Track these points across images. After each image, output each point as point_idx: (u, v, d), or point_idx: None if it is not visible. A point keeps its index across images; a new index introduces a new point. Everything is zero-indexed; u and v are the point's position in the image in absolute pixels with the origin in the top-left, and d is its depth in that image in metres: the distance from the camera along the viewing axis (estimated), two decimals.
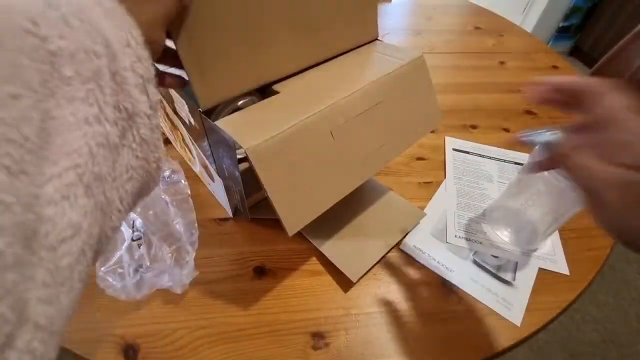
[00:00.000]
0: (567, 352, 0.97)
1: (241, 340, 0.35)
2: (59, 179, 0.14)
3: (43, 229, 0.14)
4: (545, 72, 0.77)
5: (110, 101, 0.17)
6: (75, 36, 0.16)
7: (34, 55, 0.14)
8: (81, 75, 0.15)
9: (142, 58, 0.19)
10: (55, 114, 0.15)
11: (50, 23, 0.15)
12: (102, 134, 0.16)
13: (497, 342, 0.35)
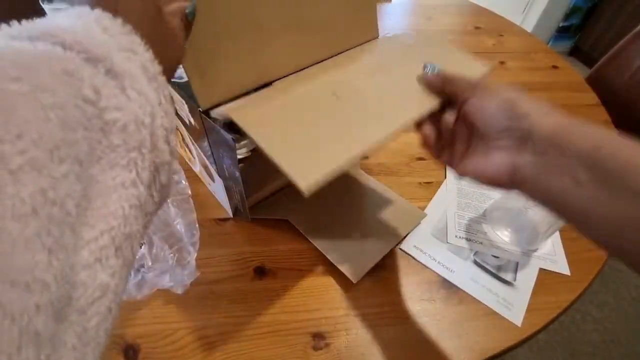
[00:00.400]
0: (567, 352, 0.97)
1: (242, 341, 0.35)
2: (95, 242, 0.15)
3: (76, 295, 0.14)
4: (545, 72, 0.77)
5: (147, 164, 0.18)
6: (131, 108, 0.17)
7: (88, 125, 0.15)
8: (128, 144, 0.16)
9: (168, 112, 0.20)
10: (99, 178, 0.15)
11: (111, 93, 0.16)
12: (136, 195, 0.17)
13: (498, 342, 0.35)
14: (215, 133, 0.32)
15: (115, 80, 0.17)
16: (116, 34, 0.18)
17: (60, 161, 0.13)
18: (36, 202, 0.12)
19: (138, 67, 0.18)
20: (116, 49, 0.18)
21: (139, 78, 0.18)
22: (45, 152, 0.13)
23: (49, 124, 0.13)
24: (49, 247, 0.13)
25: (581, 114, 0.66)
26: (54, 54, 0.15)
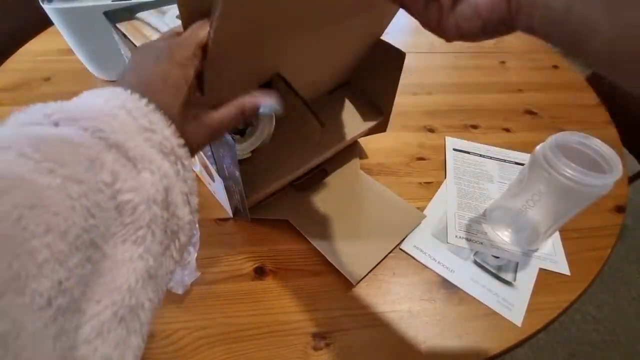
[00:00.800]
0: (567, 352, 0.97)
1: (242, 341, 0.35)
2: (97, 317, 0.15)
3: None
4: (545, 71, 0.77)
5: (158, 237, 0.18)
6: (143, 188, 0.18)
7: (105, 206, 0.16)
8: (138, 222, 0.17)
9: (187, 179, 0.21)
10: (110, 253, 0.16)
11: (127, 177, 0.17)
12: (144, 268, 0.17)
13: (498, 342, 0.35)
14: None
15: (131, 163, 0.18)
16: (139, 116, 0.19)
17: (77, 250, 0.14)
18: (51, 294, 0.13)
19: (155, 145, 0.19)
20: (135, 131, 0.19)
21: (153, 157, 0.19)
22: (68, 245, 0.14)
23: (75, 215, 0.14)
24: (54, 334, 0.13)
25: (581, 113, 0.66)
26: (79, 141, 0.16)
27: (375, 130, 0.50)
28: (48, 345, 0.12)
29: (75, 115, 0.17)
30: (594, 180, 0.33)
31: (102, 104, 0.19)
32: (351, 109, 0.49)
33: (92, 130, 0.17)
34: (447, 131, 0.60)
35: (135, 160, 0.18)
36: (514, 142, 0.58)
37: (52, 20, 0.55)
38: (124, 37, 0.41)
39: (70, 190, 0.14)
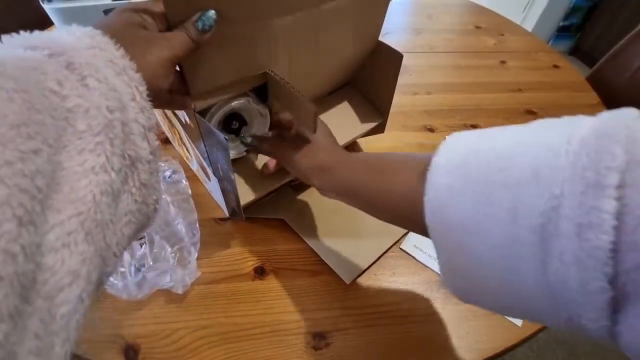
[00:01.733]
0: (566, 352, 0.97)
1: (242, 341, 0.35)
2: (61, 226, 0.15)
3: (41, 278, 0.14)
4: (546, 71, 0.77)
5: (118, 151, 0.18)
6: (91, 95, 0.17)
7: (54, 114, 0.16)
8: (93, 129, 0.17)
9: (144, 109, 0.20)
10: (65, 165, 0.16)
11: (72, 84, 0.17)
12: (107, 182, 0.17)
13: (498, 342, 0.35)
14: (210, 134, 0.32)
15: (76, 71, 0.17)
16: (82, 36, 0.20)
17: (29, 137, 0.14)
18: (2, 173, 0.12)
19: (103, 60, 0.19)
20: (81, 47, 0.19)
21: (101, 69, 0.18)
22: (11, 129, 0.13)
23: (12, 105, 0.14)
24: (20, 217, 0.13)
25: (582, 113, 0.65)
26: (20, 54, 0.16)
27: (374, 131, 0.50)
28: (11, 226, 0.12)
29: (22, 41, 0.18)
30: None
31: (50, 33, 0.19)
32: (350, 110, 0.49)
33: (34, 44, 0.17)
34: (447, 131, 0.60)
35: (80, 69, 0.18)
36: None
37: (52, 20, 0.55)
38: None
39: (4, 84, 0.14)
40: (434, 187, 0.21)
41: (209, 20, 0.26)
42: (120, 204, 0.18)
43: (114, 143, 0.17)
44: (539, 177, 0.16)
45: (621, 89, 0.78)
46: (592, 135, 0.16)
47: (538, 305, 0.17)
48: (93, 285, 0.16)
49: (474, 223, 0.18)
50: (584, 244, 0.14)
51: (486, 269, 0.19)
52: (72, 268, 0.15)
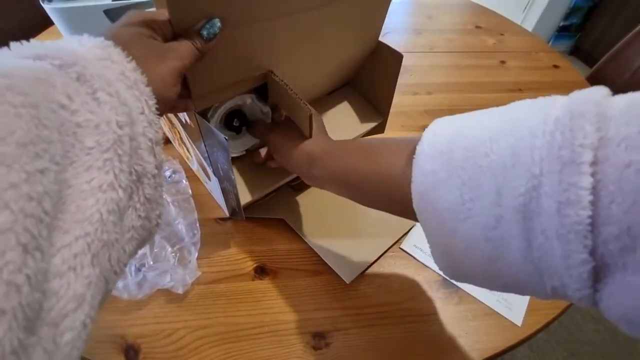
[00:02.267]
0: (567, 352, 0.97)
1: (242, 340, 0.35)
2: (68, 249, 0.14)
3: (47, 305, 0.13)
4: (546, 71, 0.77)
5: (125, 167, 0.17)
6: (102, 110, 0.17)
7: (62, 129, 0.15)
8: (102, 145, 0.16)
9: (152, 122, 0.20)
10: (72, 182, 0.15)
11: (82, 98, 0.16)
12: (115, 200, 0.16)
13: (498, 342, 0.35)
14: (210, 134, 0.32)
15: (87, 84, 0.17)
16: (93, 46, 0.19)
17: (37, 156, 0.13)
18: (7, 197, 0.12)
19: (115, 73, 0.19)
20: (92, 58, 0.18)
21: (113, 82, 0.18)
22: (18, 147, 0.13)
23: (20, 122, 0.13)
24: (25, 244, 0.12)
25: None
26: (29, 64, 0.16)
27: (374, 131, 0.50)
28: (15, 255, 0.11)
29: (30, 51, 0.17)
30: None
31: (58, 44, 0.19)
32: (349, 110, 0.49)
33: (43, 54, 0.17)
34: None
35: (91, 82, 0.17)
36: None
37: (53, 20, 0.55)
38: None
39: (12, 99, 0.13)
40: (420, 173, 0.21)
41: (213, 29, 0.26)
42: (125, 220, 0.18)
43: (122, 160, 0.17)
44: (519, 158, 0.17)
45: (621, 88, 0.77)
46: (566, 115, 0.16)
47: (525, 279, 0.18)
48: (95, 309, 0.15)
49: (461, 208, 0.19)
50: (564, 220, 0.15)
51: (474, 250, 0.19)
52: (77, 292, 0.14)
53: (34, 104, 0.14)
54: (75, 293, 0.14)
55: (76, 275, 0.14)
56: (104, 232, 0.15)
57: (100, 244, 0.15)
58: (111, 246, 0.16)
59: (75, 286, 0.14)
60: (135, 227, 0.19)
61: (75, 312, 0.14)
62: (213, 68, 0.30)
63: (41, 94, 0.15)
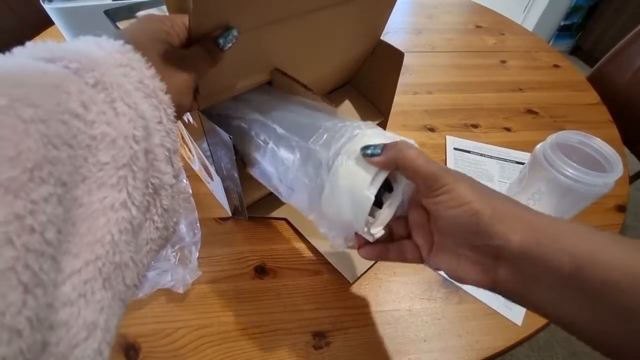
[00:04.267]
0: (567, 352, 0.97)
1: (242, 340, 0.35)
2: (78, 275, 0.13)
3: (54, 338, 0.12)
4: (546, 70, 0.77)
5: (140, 184, 0.16)
6: (120, 122, 0.16)
7: (74, 142, 0.14)
8: (117, 161, 0.15)
9: (170, 131, 0.19)
10: (83, 201, 0.14)
11: (99, 108, 0.15)
12: (127, 218, 0.15)
13: (498, 342, 0.35)
14: (214, 133, 0.32)
15: (104, 92, 0.16)
16: (113, 51, 0.18)
17: (42, 182, 0.12)
18: (11, 230, 0.11)
19: (134, 81, 0.18)
20: (111, 64, 0.17)
21: (131, 92, 0.17)
22: (24, 172, 0.11)
23: (29, 140, 0.12)
24: (25, 283, 0.11)
25: (582, 113, 0.66)
26: (41, 67, 0.15)
27: None
28: (15, 297, 0.10)
29: (45, 54, 0.16)
30: (595, 179, 0.33)
31: (75, 42, 0.18)
32: (350, 109, 0.49)
33: (59, 56, 0.16)
34: (448, 130, 0.60)
35: (110, 90, 0.16)
36: (515, 141, 0.58)
37: (53, 20, 0.55)
38: None
39: (22, 112, 0.12)
40: None
41: (231, 38, 0.25)
42: (141, 234, 0.17)
43: (137, 176, 0.16)
44: None
45: (622, 88, 0.78)
46: None
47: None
48: (112, 332, 0.15)
49: None
50: None
51: None
52: (88, 320, 0.13)
53: (44, 118, 0.13)
54: (86, 321, 0.13)
55: (87, 302, 0.13)
56: (116, 254, 0.15)
57: (112, 266, 0.15)
58: (125, 267, 0.15)
59: (86, 314, 0.13)
60: (153, 239, 0.18)
61: (87, 340, 0.13)
62: (220, 68, 0.30)
63: (53, 104, 0.14)
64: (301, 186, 0.29)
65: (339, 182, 0.25)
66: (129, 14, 0.43)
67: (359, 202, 0.24)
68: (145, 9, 0.44)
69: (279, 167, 0.31)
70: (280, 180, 0.32)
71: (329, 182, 0.26)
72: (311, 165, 0.28)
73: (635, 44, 0.77)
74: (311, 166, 0.28)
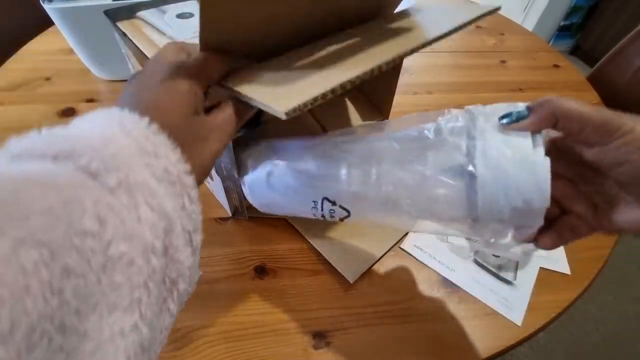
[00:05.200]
0: (567, 352, 0.97)
1: (242, 340, 0.35)
2: None
3: None
4: (546, 71, 0.76)
5: (155, 300, 0.15)
6: (141, 236, 0.14)
7: (85, 269, 0.12)
8: (132, 281, 0.14)
9: (192, 213, 0.18)
10: (92, 334, 0.12)
11: (119, 217, 0.14)
12: (138, 341, 0.14)
13: (498, 342, 0.35)
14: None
15: (127, 195, 0.15)
16: (140, 136, 0.17)
17: (32, 348, 0.10)
18: None
19: (158, 171, 0.17)
20: (134, 155, 0.16)
21: (156, 190, 0.16)
22: (14, 348, 0.10)
23: (27, 300, 0.10)
24: None
25: None
26: (52, 178, 0.13)
27: None
28: None
29: (62, 148, 0.14)
30: None
31: (96, 128, 0.16)
32: (351, 109, 0.49)
33: (79, 152, 0.14)
34: None
35: (134, 191, 0.15)
36: None
37: (53, 20, 0.55)
38: (124, 36, 0.41)
39: (25, 260, 0.11)
40: None
41: None
42: (155, 336, 0.16)
43: (152, 293, 0.15)
44: None
45: (622, 88, 0.78)
46: None
47: None
48: None
49: None
50: None
51: None
52: None
53: (50, 258, 0.11)
54: None
55: None
56: None
57: None
58: None
59: None
60: (167, 327, 0.17)
61: None
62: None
63: (63, 231, 0.12)
64: (442, 198, 0.25)
65: (494, 163, 0.22)
66: (129, 14, 0.43)
67: (532, 171, 0.21)
68: (145, 9, 0.44)
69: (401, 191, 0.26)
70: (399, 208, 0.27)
71: (480, 171, 0.22)
72: (449, 170, 0.24)
73: (635, 44, 0.77)
74: (450, 171, 0.24)
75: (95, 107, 0.18)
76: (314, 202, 0.30)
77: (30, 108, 0.58)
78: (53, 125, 0.16)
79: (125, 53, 0.47)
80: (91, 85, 0.63)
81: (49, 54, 0.70)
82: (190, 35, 0.40)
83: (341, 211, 0.30)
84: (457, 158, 0.23)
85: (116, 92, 0.62)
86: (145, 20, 0.42)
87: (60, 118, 0.56)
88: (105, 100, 0.61)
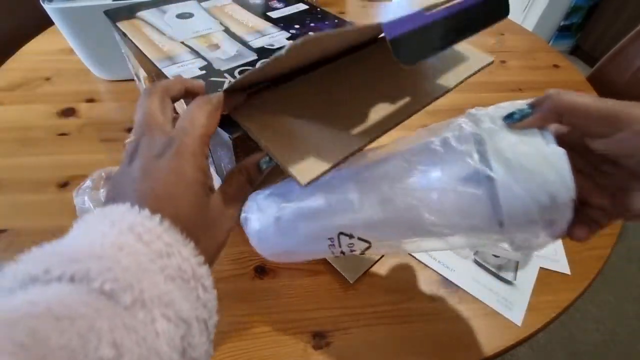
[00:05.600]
0: (567, 352, 0.97)
1: (242, 340, 0.35)
2: None
3: None
4: (546, 71, 0.77)
5: None
6: (159, 350, 0.14)
7: None
8: None
9: (208, 302, 0.18)
10: None
11: (135, 337, 0.13)
12: None
13: (498, 342, 0.35)
14: (214, 134, 0.32)
15: (143, 311, 0.14)
16: (152, 240, 0.16)
17: None
18: None
19: (172, 274, 0.16)
20: (149, 261, 0.16)
21: (170, 299, 0.15)
22: None
23: None
24: None
25: None
26: (66, 307, 0.13)
27: None
28: None
29: (78, 269, 0.14)
30: None
31: (103, 238, 0.16)
32: None
33: (94, 274, 0.14)
34: None
35: (150, 305, 0.14)
36: None
37: (53, 20, 0.55)
38: (124, 36, 0.41)
39: None
40: None
41: (273, 162, 0.24)
42: None
43: None
44: None
45: (622, 88, 0.78)
46: None
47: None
48: None
49: None
50: None
51: None
52: None
53: None
54: None
55: None
56: None
57: None
58: None
59: None
60: None
61: None
62: None
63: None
64: (466, 209, 0.24)
65: (511, 163, 0.21)
66: (129, 14, 0.43)
67: (551, 164, 0.21)
68: (145, 9, 0.44)
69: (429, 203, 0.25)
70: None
71: (498, 173, 0.21)
72: (466, 178, 0.23)
73: (635, 44, 0.77)
74: (467, 179, 0.23)
75: (95, 107, 0.18)
76: (329, 239, 0.29)
77: (30, 108, 0.58)
78: (53, 125, 0.15)
79: (125, 53, 0.47)
80: (91, 85, 0.63)
81: (49, 54, 0.70)
82: (190, 35, 0.40)
83: (360, 243, 0.28)
84: (471, 165, 0.23)
85: (116, 92, 0.62)
86: (145, 20, 0.42)
87: (60, 118, 0.56)
88: (105, 100, 0.61)
